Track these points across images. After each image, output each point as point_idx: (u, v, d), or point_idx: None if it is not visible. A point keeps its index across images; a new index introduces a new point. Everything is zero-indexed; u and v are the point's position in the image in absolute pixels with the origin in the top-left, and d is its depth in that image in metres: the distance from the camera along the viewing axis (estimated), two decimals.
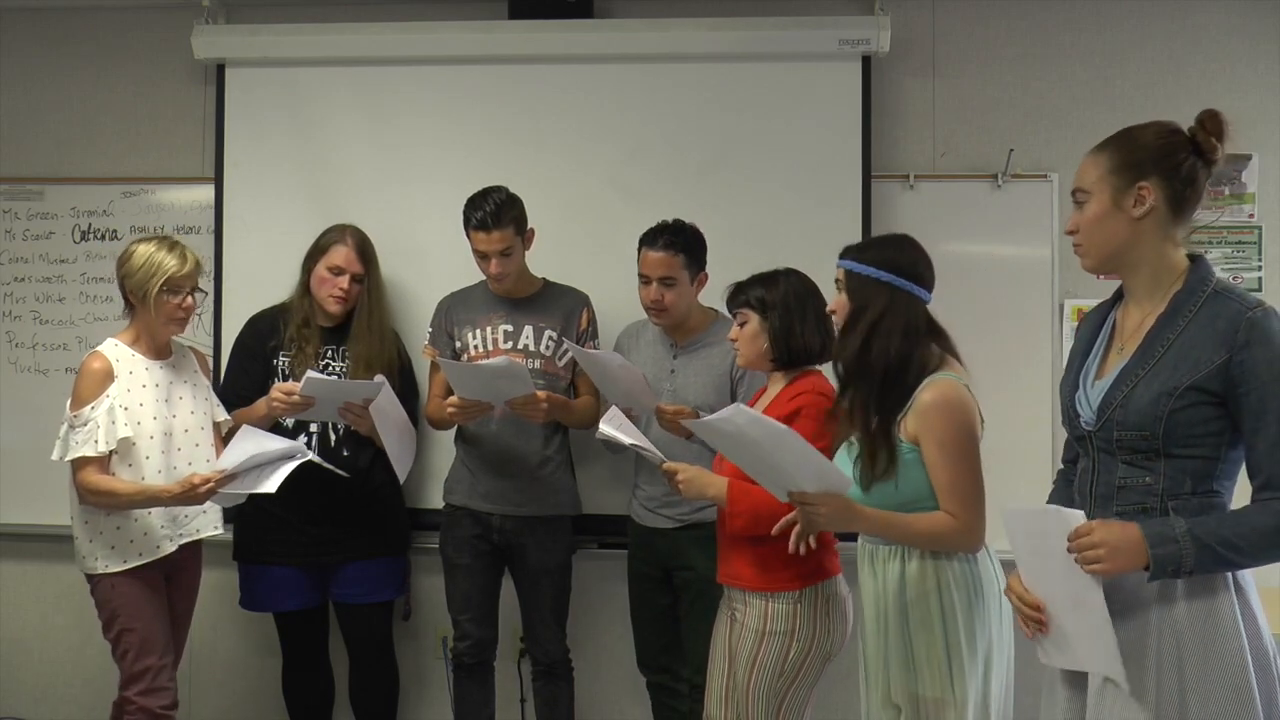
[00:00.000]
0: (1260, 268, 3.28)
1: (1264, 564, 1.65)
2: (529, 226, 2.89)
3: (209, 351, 3.33)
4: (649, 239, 2.78)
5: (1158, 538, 1.61)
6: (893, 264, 2.10)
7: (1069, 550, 1.64)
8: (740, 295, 2.46)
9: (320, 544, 2.93)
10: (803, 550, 2.15)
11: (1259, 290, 3.24)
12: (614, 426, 2.46)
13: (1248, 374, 1.62)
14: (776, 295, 2.42)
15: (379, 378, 2.73)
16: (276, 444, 2.58)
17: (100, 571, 2.61)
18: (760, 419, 2.04)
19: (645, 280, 2.78)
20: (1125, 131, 1.78)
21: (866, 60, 3.22)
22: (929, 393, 2.01)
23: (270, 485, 2.53)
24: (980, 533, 2.03)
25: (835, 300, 2.17)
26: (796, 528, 2.13)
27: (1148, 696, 1.65)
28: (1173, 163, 1.72)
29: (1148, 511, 1.70)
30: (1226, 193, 3.27)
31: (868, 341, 2.06)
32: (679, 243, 2.75)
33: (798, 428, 2.28)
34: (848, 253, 2.17)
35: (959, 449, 2.00)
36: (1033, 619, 1.77)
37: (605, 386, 2.75)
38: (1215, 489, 1.69)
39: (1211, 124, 1.72)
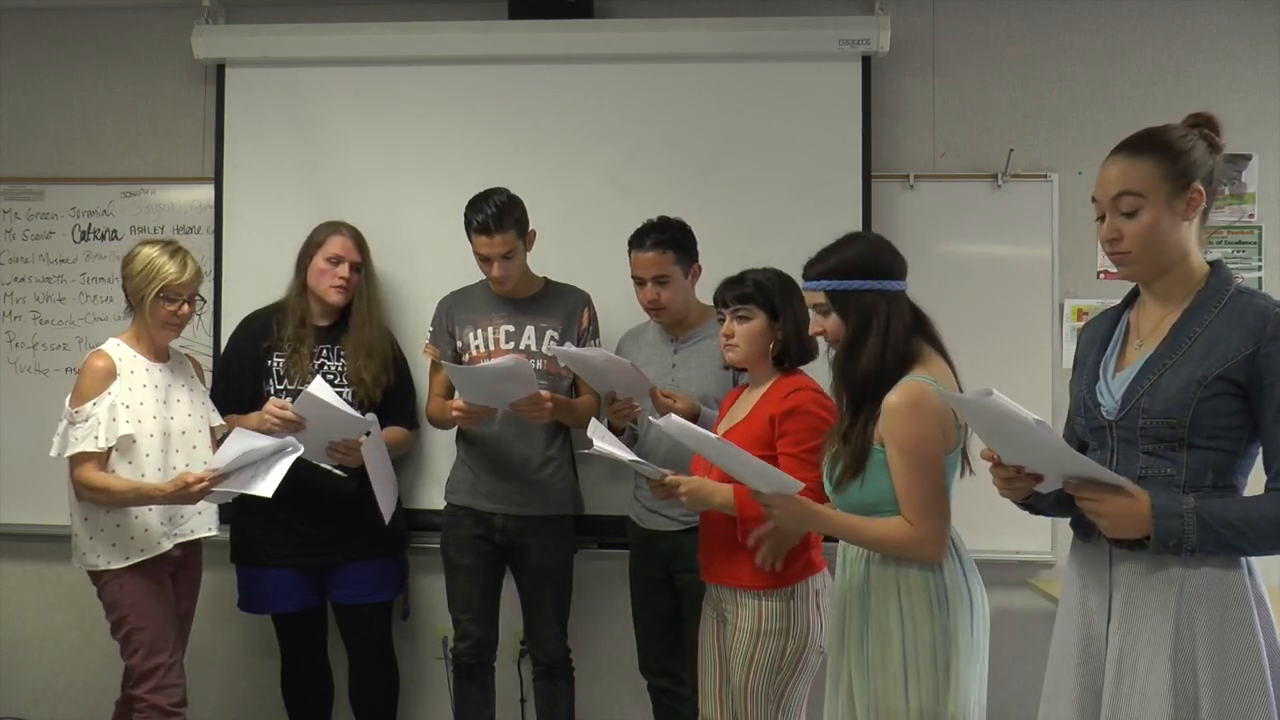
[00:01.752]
0: (1260, 267, 3.28)
1: (1267, 553, 1.67)
2: (530, 228, 2.89)
3: (208, 351, 3.33)
4: (636, 240, 2.78)
5: (1163, 510, 1.64)
6: (872, 269, 2.04)
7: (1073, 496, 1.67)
8: (739, 291, 2.41)
9: (318, 545, 2.92)
10: (768, 569, 2.24)
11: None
12: (606, 442, 2.38)
13: (1274, 366, 1.64)
14: (785, 296, 2.41)
15: (370, 416, 2.71)
16: (267, 441, 2.55)
17: (104, 568, 2.62)
18: (689, 429, 2.03)
19: (640, 282, 2.79)
20: (1157, 136, 1.76)
21: (866, 60, 3.22)
22: (897, 395, 1.96)
23: (266, 488, 2.50)
24: (938, 544, 1.97)
25: (823, 323, 2.08)
26: (763, 548, 2.19)
27: (1166, 690, 1.66)
28: (1209, 164, 1.75)
29: None
30: (1226, 192, 3.27)
31: (883, 355, 2.00)
32: (667, 240, 2.75)
33: (795, 424, 2.30)
34: (821, 273, 2.07)
35: (919, 456, 1.95)
36: (1023, 485, 1.77)
37: (597, 383, 2.75)
38: (1233, 483, 1.71)
39: (1209, 122, 1.77)
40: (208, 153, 3.43)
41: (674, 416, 2.07)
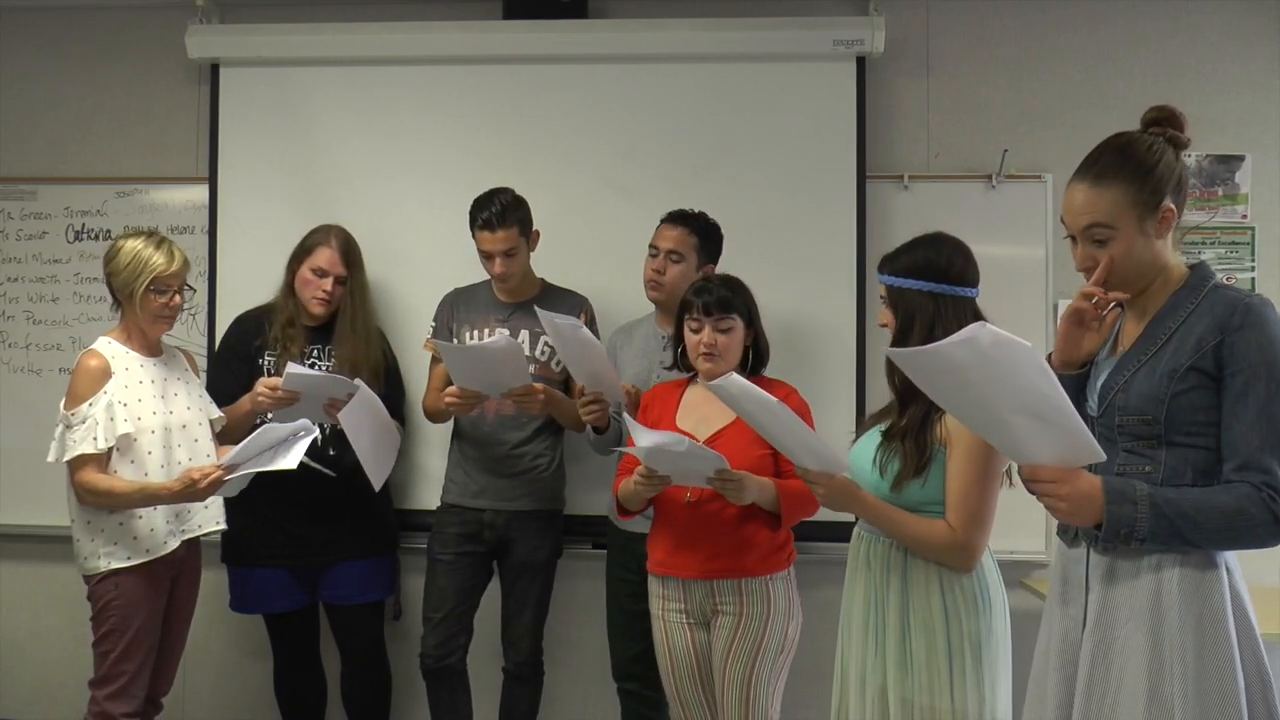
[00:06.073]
0: (1253, 268, 3.28)
1: (1218, 547, 1.64)
2: (535, 229, 2.89)
3: (203, 351, 3.33)
4: (668, 216, 2.84)
5: (1117, 495, 1.61)
6: (928, 269, 2.03)
7: (1028, 482, 1.65)
8: (721, 296, 2.40)
9: (308, 545, 2.91)
10: None
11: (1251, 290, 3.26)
12: (648, 436, 2.21)
13: (1236, 355, 1.63)
14: (752, 301, 2.46)
15: (357, 380, 2.70)
16: (281, 428, 2.53)
17: (103, 569, 2.54)
18: (751, 390, 2.01)
19: (654, 253, 2.80)
20: (1122, 156, 1.72)
21: (861, 61, 3.23)
22: None
23: (290, 460, 2.46)
24: (977, 555, 1.99)
25: (884, 315, 2.11)
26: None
27: (1141, 698, 1.64)
28: (1176, 173, 1.71)
29: None
30: (1220, 193, 3.28)
31: None
32: (697, 225, 2.80)
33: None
34: (882, 265, 2.10)
35: (986, 468, 1.97)
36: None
37: (574, 366, 2.68)
38: (1215, 483, 1.66)
39: (1172, 119, 1.74)
40: (202, 153, 3.43)
41: (734, 374, 2.04)
